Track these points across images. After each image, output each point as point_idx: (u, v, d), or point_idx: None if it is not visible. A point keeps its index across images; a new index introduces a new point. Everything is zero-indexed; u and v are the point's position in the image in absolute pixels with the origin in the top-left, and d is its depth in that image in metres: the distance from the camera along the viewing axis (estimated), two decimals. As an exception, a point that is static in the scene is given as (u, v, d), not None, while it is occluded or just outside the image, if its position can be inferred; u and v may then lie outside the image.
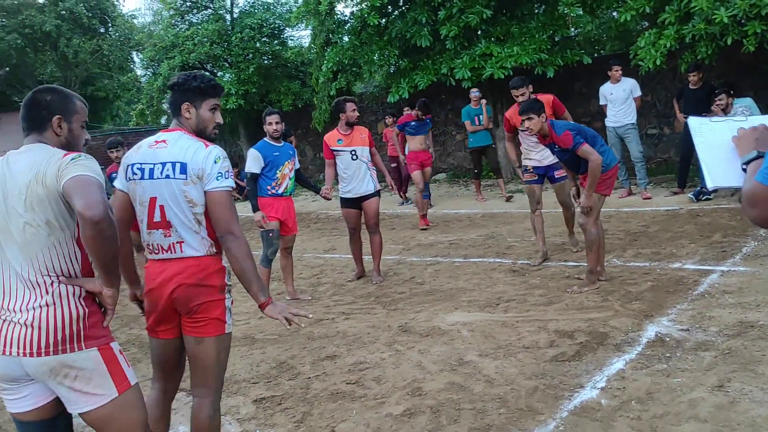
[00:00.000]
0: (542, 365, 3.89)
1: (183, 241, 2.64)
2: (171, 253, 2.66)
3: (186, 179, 2.60)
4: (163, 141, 2.69)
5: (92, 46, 16.69)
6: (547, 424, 3.19)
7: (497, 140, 10.78)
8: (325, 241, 8.87)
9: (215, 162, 2.61)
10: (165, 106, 19.99)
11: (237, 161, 16.71)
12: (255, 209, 5.78)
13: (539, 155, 6.14)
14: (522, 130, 5.94)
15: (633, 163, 8.95)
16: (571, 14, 10.30)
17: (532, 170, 6.22)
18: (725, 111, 7.98)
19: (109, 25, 18.41)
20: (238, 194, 15.11)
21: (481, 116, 9.95)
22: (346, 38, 12.93)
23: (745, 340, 3.86)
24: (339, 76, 12.90)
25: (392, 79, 12.20)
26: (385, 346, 4.56)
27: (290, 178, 5.93)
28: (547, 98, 5.93)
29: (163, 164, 2.63)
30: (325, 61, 12.77)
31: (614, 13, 12.20)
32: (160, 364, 2.86)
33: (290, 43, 16.98)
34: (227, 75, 15.51)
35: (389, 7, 12.18)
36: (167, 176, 2.61)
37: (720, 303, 4.54)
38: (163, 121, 22.96)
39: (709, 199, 8.02)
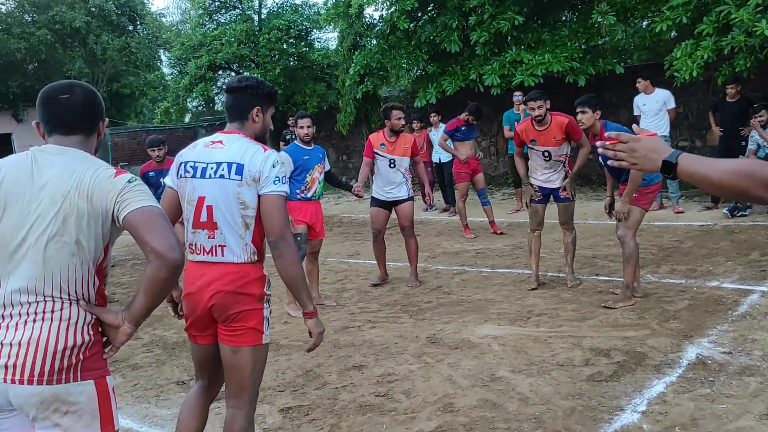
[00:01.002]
0: (578, 384, 3.76)
1: (225, 246, 2.59)
2: (212, 255, 2.60)
3: (241, 181, 2.55)
4: (220, 142, 2.68)
5: (120, 43, 16.79)
6: (586, 449, 3.07)
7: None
8: (349, 245, 8.79)
9: (273, 166, 2.56)
10: (190, 105, 20.11)
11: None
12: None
13: (544, 177, 5.85)
14: (533, 149, 5.78)
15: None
16: (605, 22, 10.13)
17: (537, 190, 5.91)
18: (765, 126, 7.78)
19: (138, 23, 18.54)
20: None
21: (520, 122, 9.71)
22: (374, 42, 12.87)
23: (793, 366, 3.71)
24: (366, 80, 12.83)
25: (420, 84, 12.11)
26: (414, 357, 4.45)
27: (319, 182, 5.87)
28: (561, 120, 5.63)
29: (218, 164, 2.59)
30: (352, 64, 12.71)
31: (644, 23, 12.02)
32: (200, 365, 2.82)
33: (317, 45, 16.97)
34: (253, 75, 15.55)
35: (419, 11, 12.10)
36: (221, 176, 2.57)
37: (762, 325, 4.37)
38: (187, 119, 23.09)
39: (745, 215, 7.82)
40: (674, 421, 3.24)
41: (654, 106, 8.68)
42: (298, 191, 5.76)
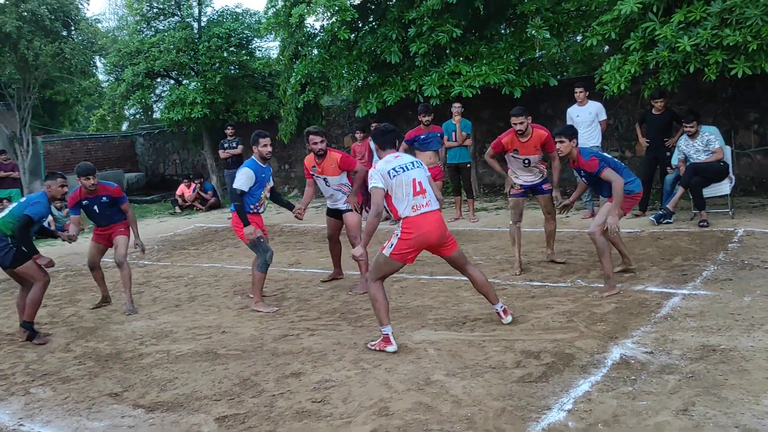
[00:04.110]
0: (509, 386, 3.88)
1: (431, 200, 4.61)
2: (428, 207, 4.58)
3: (423, 168, 4.76)
4: (398, 156, 4.72)
5: (54, 49, 16.22)
6: (515, 447, 3.17)
7: (476, 158, 10.74)
8: (290, 254, 8.77)
9: None
10: (127, 113, 19.66)
11: (200, 171, 16.47)
12: (246, 223, 5.98)
13: (526, 176, 6.57)
14: (514, 157, 6.47)
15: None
16: (539, 36, 10.46)
17: (519, 186, 6.61)
18: (693, 137, 8.18)
19: (72, 28, 17.97)
20: (201, 205, 14.89)
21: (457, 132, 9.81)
22: (315, 51, 12.90)
23: (708, 363, 3.92)
24: (307, 89, 12.85)
25: (361, 94, 12.20)
26: (351, 363, 4.50)
27: (267, 198, 6.28)
28: (541, 133, 6.37)
29: (412, 162, 4.70)
30: (293, 74, 12.70)
31: (578, 38, 12.46)
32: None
33: (258, 54, 16.82)
34: (193, 83, 15.29)
35: (359, 22, 12.20)
36: (418, 166, 4.68)
37: (682, 326, 4.61)
38: (124, 127, 22.55)
39: (670, 222, 8.19)
40: (598, 418, 3.38)
41: (587, 117, 9.01)
42: (252, 206, 6.08)
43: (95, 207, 6.46)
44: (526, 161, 6.46)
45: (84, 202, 6.45)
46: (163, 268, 8.48)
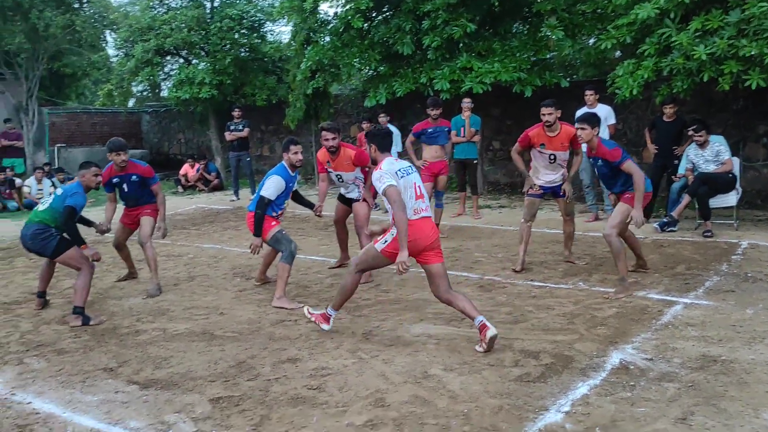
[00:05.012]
0: (507, 384, 3.85)
1: (428, 206, 4.58)
2: (426, 212, 4.53)
3: (418, 173, 4.69)
4: (397, 159, 4.69)
5: (65, 20, 16.14)
6: (511, 446, 3.15)
7: (483, 155, 10.67)
8: (291, 240, 8.73)
9: None
10: (134, 89, 19.57)
11: (205, 153, 16.42)
12: (258, 233, 5.79)
13: (548, 177, 6.51)
14: (540, 152, 6.39)
15: (602, 189, 9.05)
16: (553, 37, 10.39)
17: (538, 188, 6.55)
18: (702, 146, 8.13)
19: (84, 1, 17.93)
20: (203, 186, 14.84)
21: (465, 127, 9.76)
22: (327, 38, 12.81)
23: (708, 374, 3.89)
24: (317, 76, 12.77)
25: (371, 84, 12.13)
26: (349, 352, 4.47)
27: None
28: (569, 130, 6.33)
29: (410, 167, 4.65)
30: (304, 60, 12.62)
31: (591, 41, 12.37)
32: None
33: (269, 38, 16.74)
34: (202, 64, 15.21)
35: (373, 11, 12.11)
36: (414, 171, 4.62)
37: (683, 335, 4.58)
38: (130, 104, 22.46)
39: (674, 230, 8.15)
40: (595, 422, 3.36)
41: (596, 121, 8.95)
42: (274, 213, 5.91)
43: (124, 185, 6.35)
44: (552, 157, 6.39)
45: (114, 180, 6.33)
46: (163, 246, 8.44)
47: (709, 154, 8.11)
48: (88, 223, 6.23)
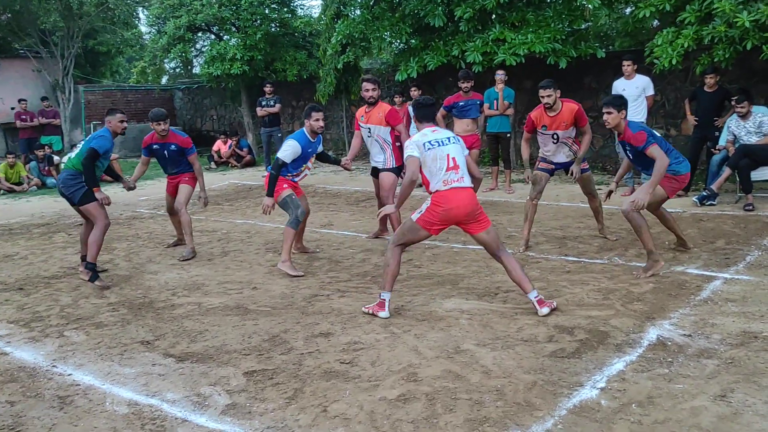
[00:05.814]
0: (541, 360, 3.82)
1: (464, 177, 4.52)
2: (458, 183, 4.49)
3: (460, 144, 4.66)
4: (435, 130, 4.64)
5: (98, -2, 16.38)
6: (545, 421, 3.12)
7: (516, 129, 10.53)
8: (322, 215, 8.76)
9: None
10: (167, 66, 19.72)
11: (237, 129, 16.49)
12: (270, 194, 5.94)
13: (558, 158, 6.36)
14: (542, 132, 6.25)
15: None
16: (589, 6, 10.12)
17: (548, 163, 6.42)
18: (744, 117, 7.88)
19: (117, -22, 18.07)
20: (236, 162, 14.94)
21: (499, 100, 9.63)
22: (357, 11, 12.70)
23: (749, 350, 3.80)
24: (347, 50, 12.68)
25: (401, 58, 12.01)
26: (381, 327, 4.48)
27: (310, 169, 6.33)
28: (572, 107, 6.10)
29: (448, 138, 4.61)
30: (334, 34, 12.54)
31: (627, 10, 12.03)
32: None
33: (299, 12, 16.66)
34: (233, 39, 15.22)
35: (404, -17, 11.94)
36: (454, 142, 4.60)
37: (723, 311, 4.47)
38: (164, 81, 22.65)
39: (713, 204, 7.95)
40: (632, 398, 3.30)
41: (634, 92, 8.71)
42: (289, 174, 6.07)
43: (165, 152, 6.80)
44: (555, 137, 6.21)
45: (154, 147, 6.82)
46: (197, 221, 8.53)
47: (751, 125, 7.86)
48: (117, 177, 6.82)
